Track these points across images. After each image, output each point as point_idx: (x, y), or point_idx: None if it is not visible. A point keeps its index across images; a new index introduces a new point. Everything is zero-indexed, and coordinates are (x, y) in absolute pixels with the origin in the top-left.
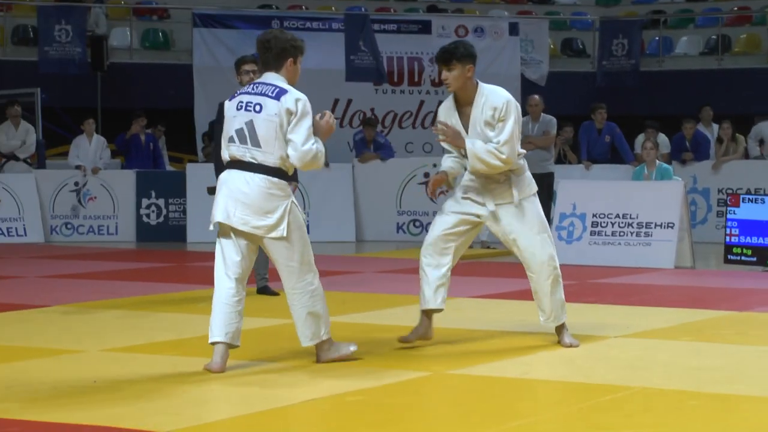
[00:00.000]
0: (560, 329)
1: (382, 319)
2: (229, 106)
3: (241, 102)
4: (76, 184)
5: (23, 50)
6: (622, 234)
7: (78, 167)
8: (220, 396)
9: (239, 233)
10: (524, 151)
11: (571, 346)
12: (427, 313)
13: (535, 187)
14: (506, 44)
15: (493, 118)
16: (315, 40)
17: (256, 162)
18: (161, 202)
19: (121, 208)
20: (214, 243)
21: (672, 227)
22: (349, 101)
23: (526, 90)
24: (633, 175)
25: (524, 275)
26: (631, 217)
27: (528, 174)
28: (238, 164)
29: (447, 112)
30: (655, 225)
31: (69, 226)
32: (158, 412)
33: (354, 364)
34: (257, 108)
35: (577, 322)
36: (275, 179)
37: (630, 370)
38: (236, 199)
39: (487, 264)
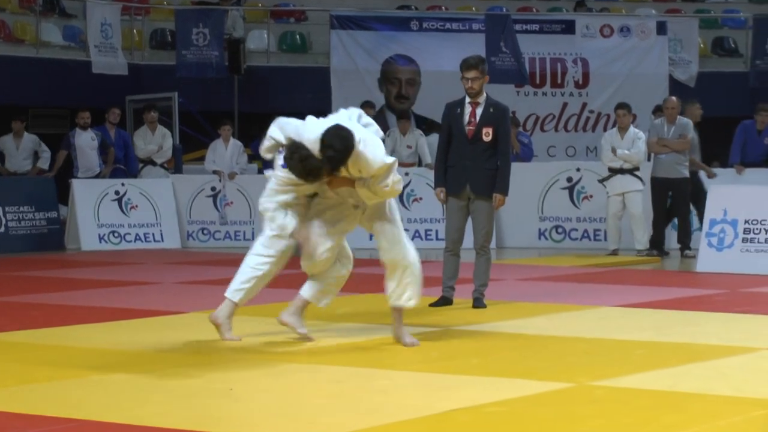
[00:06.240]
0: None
1: (523, 329)
2: None
3: None
4: (213, 189)
5: (161, 54)
6: None
7: (215, 172)
8: (352, 407)
9: None
10: None
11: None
12: None
13: None
14: (654, 44)
15: None
16: (454, 41)
17: None
18: None
19: (258, 213)
20: (367, 249)
21: None
22: None
23: (674, 91)
24: None
25: (673, 284)
26: None
27: None
28: None
29: None
30: None
31: (205, 231)
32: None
33: (493, 373)
34: None
35: (729, 333)
36: None
37: None
38: None
39: (634, 272)
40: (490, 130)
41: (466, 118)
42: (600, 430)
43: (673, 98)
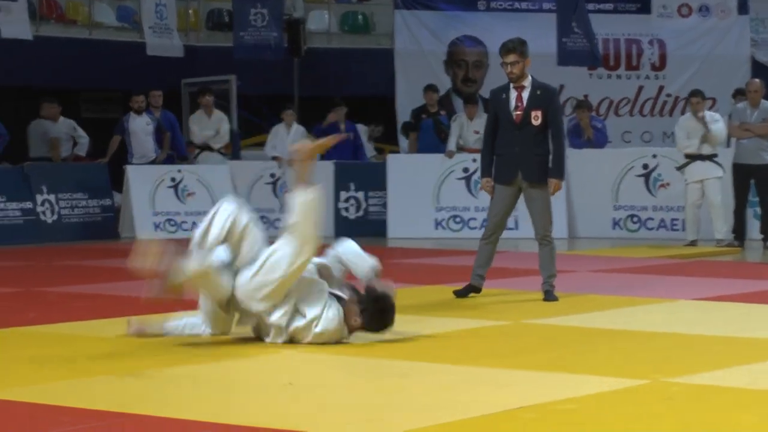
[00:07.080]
0: None
1: (595, 323)
2: None
3: None
4: (273, 176)
5: (218, 36)
6: None
7: (275, 158)
8: (415, 403)
9: None
10: None
11: None
12: None
13: None
14: (734, 24)
15: None
16: (524, 22)
17: None
18: (360, 195)
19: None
20: (416, 239)
21: None
22: (561, 87)
23: (756, 73)
24: None
25: (755, 276)
26: None
27: None
28: None
29: None
30: None
31: (264, 220)
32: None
33: (563, 369)
34: None
35: None
36: None
37: None
38: None
39: (713, 263)
40: (539, 113)
41: (513, 103)
42: (675, 428)
43: (757, 81)
